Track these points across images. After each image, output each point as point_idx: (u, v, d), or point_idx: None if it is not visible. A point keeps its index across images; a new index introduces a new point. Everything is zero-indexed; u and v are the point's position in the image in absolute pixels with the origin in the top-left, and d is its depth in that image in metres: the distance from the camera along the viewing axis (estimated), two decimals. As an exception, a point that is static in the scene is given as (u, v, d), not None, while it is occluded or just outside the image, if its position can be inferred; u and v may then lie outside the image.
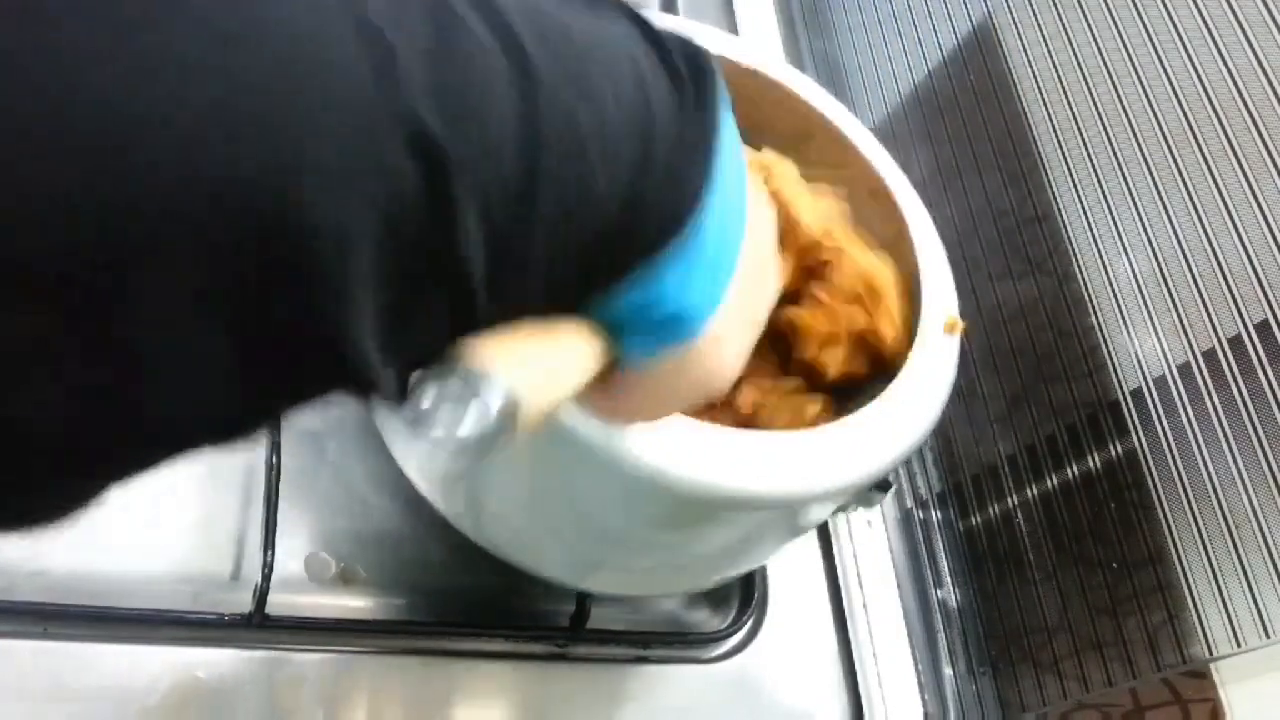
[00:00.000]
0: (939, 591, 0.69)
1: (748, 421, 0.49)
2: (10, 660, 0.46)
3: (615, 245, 0.23)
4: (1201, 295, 0.51)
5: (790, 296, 0.50)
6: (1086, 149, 0.58)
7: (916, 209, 0.53)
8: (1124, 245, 0.56)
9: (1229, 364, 0.49)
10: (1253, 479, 0.48)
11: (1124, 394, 0.55)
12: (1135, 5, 0.56)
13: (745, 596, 0.63)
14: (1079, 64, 0.59)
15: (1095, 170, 0.58)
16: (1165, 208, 0.53)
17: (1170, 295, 0.53)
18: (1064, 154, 0.60)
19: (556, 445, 0.40)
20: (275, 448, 0.52)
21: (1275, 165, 0.48)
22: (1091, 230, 0.58)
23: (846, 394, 0.51)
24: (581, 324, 0.26)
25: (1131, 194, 0.55)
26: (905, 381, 0.46)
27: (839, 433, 0.43)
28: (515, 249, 0.20)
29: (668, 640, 0.61)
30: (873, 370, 0.50)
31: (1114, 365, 0.56)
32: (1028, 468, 0.62)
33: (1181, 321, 0.52)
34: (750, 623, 0.63)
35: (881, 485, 0.49)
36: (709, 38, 0.54)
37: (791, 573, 0.65)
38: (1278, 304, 0.47)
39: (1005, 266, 0.64)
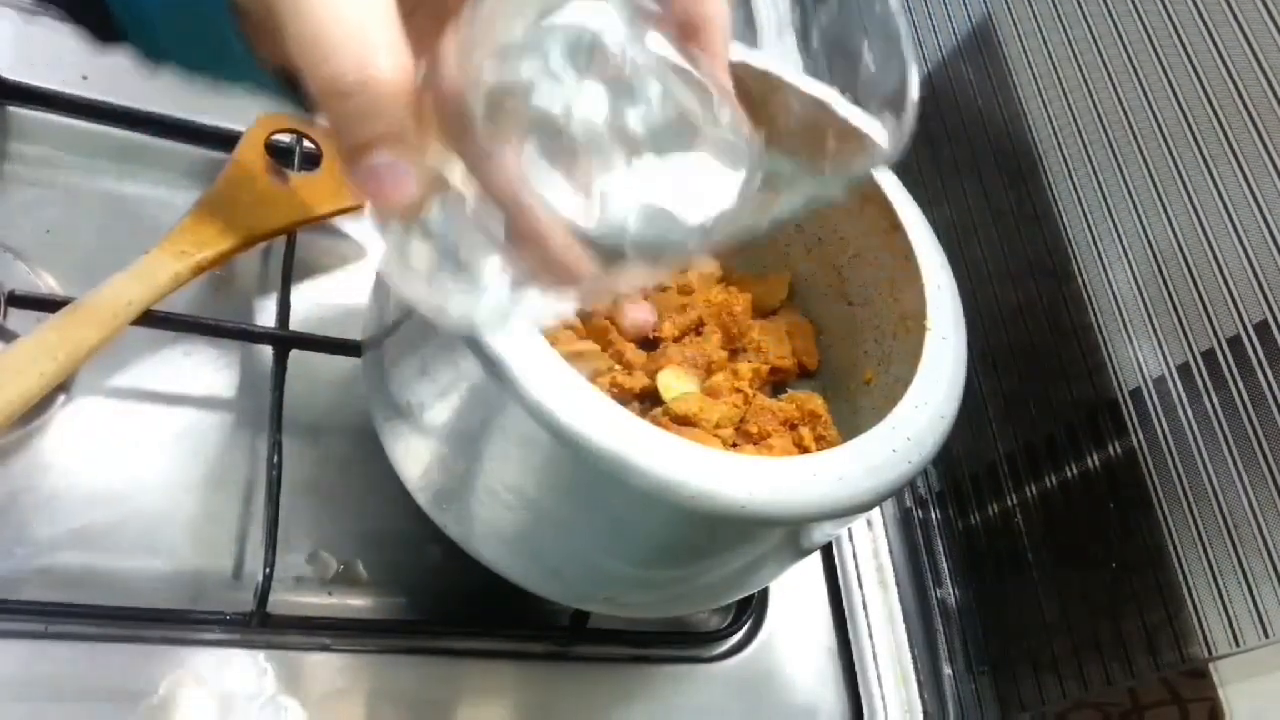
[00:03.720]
0: (938, 591, 0.69)
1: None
2: (10, 659, 0.46)
3: None
4: (1200, 295, 0.51)
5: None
6: (1086, 149, 0.58)
7: (909, 206, 0.53)
8: (1123, 245, 0.56)
9: (1228, 364, 0.49)
10: (1252, 479, 0.48)
11: (1123, 394, 0.55)
12: (1134, 5, 0.56)
13: (745, 596, 0.63)
14: (1078, 64, 0.59)
15: (1094, 170, 0.58)
16: (1164, 208, 0.53)
17: (1169, 295, 0.53)
18: (1063, 154, 0.60)
19: (557, 455, 0.39)
20: (277, 447, 0.52)
21: (1274, 165, 0.48)
22: (1090, 230, 0.58)
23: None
24: None
25: (1130, 194, 0.55)
26: (915, 393, 0.45)
27: (854, 450, 0.43)
28: None
29: (668, 640, 0.61)
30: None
31: (1113, 365, 0.56)
32: (1027, 467, 0.63)
33: (1180, 322, 0.52)
34: (750, 622, 0.63)
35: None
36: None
37: (791, 572, 0.65)
38: (1277, 304, 0.47)
39: (1004, 266, 0.64)
